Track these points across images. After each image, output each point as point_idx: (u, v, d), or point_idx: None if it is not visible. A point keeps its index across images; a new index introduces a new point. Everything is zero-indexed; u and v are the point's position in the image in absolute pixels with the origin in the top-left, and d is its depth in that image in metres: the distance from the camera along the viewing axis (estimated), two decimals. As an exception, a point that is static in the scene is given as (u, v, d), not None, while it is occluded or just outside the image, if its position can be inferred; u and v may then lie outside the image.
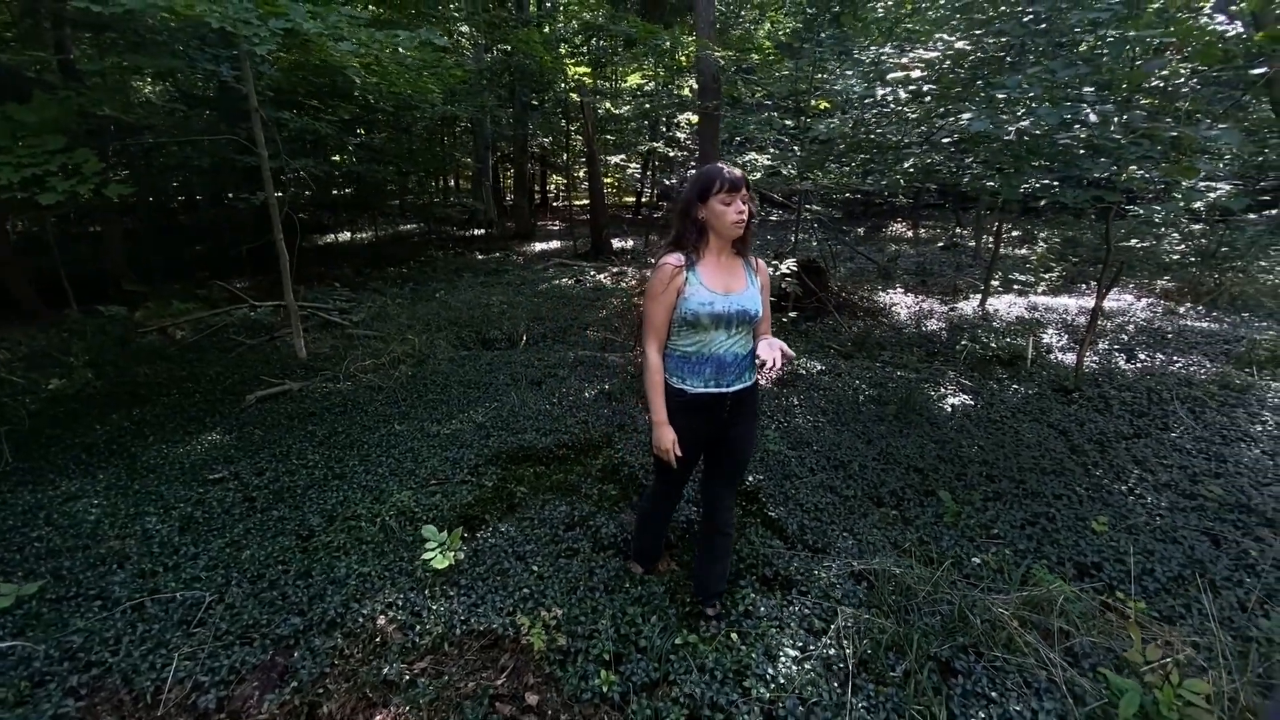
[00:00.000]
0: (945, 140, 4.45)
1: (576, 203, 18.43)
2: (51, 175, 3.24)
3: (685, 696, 1.82)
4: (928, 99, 4.19)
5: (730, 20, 11.84)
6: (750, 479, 3.12)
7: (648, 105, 11.84)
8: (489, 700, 1.86)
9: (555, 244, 12.96)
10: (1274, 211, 8.06)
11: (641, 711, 1.79)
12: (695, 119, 8.26)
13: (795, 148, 6.26)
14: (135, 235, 10.53)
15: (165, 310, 6.94)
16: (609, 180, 15.47)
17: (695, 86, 8.01)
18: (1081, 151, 3.29)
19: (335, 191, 12.87)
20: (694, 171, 1.93)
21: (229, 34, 4.16)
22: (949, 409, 4.14)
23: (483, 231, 14.61)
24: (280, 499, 3.03)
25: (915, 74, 3.90)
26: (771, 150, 6.68)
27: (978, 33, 3.87)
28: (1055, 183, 4.06)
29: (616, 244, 11.99)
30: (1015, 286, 7.85)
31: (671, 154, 10.65)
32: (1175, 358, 5.01)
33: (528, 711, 1.85)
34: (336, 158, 10.64)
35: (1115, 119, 2.89)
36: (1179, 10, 3.93)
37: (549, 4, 15.53)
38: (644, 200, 17.11)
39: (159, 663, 1.97)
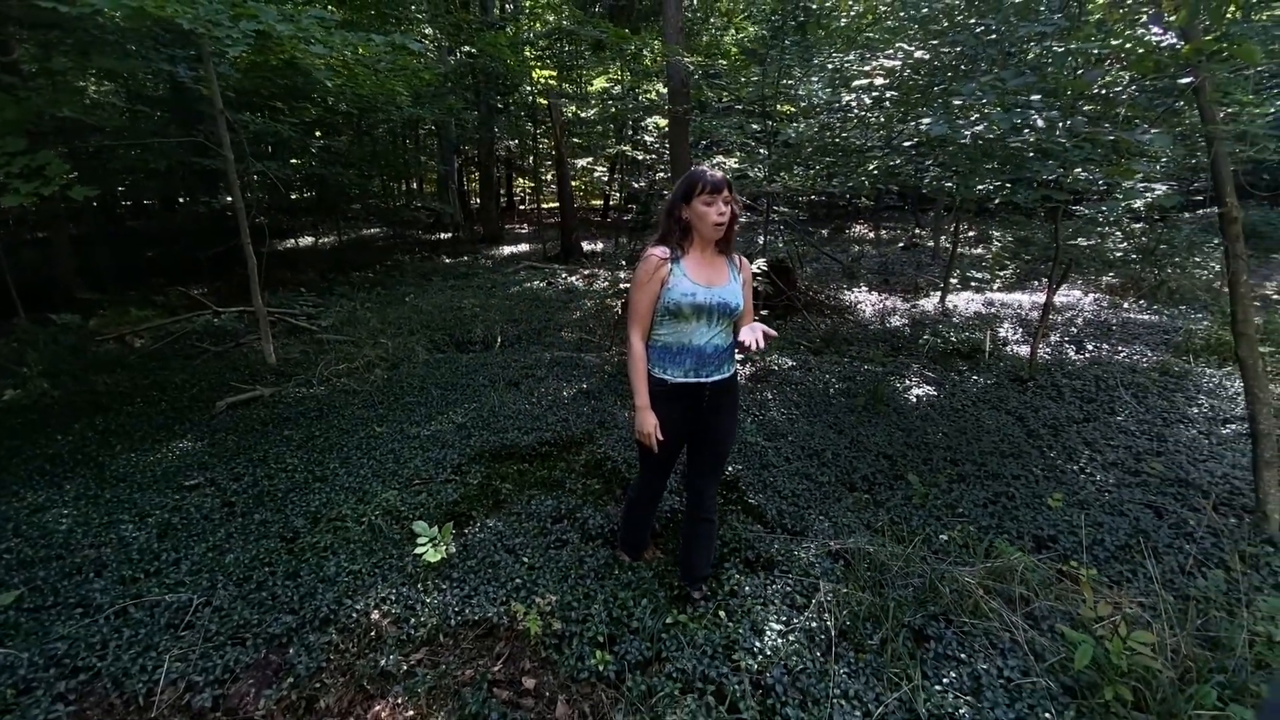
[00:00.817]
0: (906, 144, 4.66)
1: (545, 206, 18.40)
2: (13, 178, 3.15)
3: (678, 671, 1.90)
4: (889, 104, 4.38)
5: (698, 26, 12.04)
6: (730, 469, 3.22)
7: (615, 109, 11.94)
8: (487, 686, 1.91)
9: (524, 247, 12.94)
10: (1206, 211, 8.61)
11: (637, 687, 1.86)
12: (664, 122, 8.39)
13: (763, 151, 6.43)
14: (83, 241, 10.11)
15: (123, 318, 6.73)
16: (577, 183, 15.50)
17: (663, 90, 8.14)
18: (1030, 154, 3.51)
19: (296, 195, 12.60)
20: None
21: (192, 34, 4.10)
22: (914, 399, 4.33)
23: (450, 235, 14.48)
24: (261, 503, 3.00)
25: (878, 81, 4.09)
26: (739, 153, 6.85)
27: (934, 43, 4.07)
28: (1007, 184, 4.29)
29: (586, 246, 12.05)
30: (973, 284, 8.21)
31: (640, 157, 10.76)
32: (1120, 348, 5.33)
33: (525, 695, 1.91)
34: (296, 160, 10.41)
35: (1060, 124, 3.10)
36: (1117, 23, 4.21)
37: (513, 6, 15.52)
38: (612, 203, 17.20)
39: (149, 665, 1.95)
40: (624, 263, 9.68)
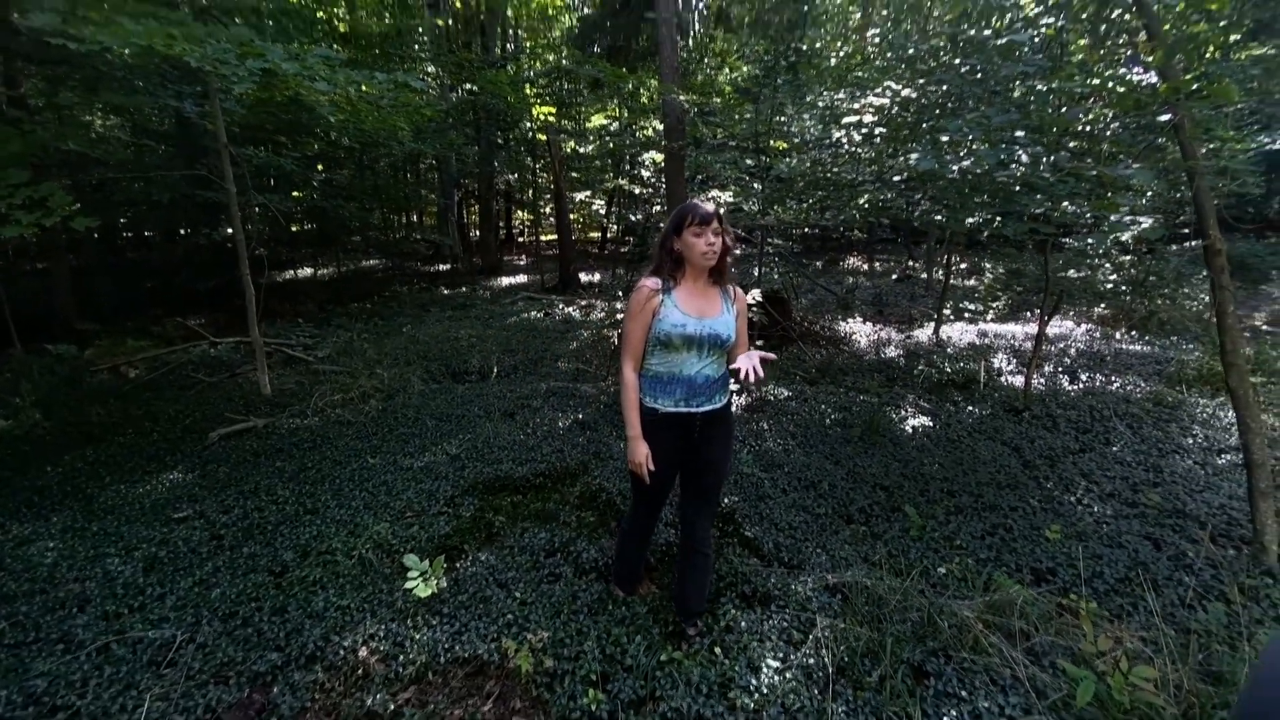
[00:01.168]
0: (895, 178, 4.76)
1: (543, 238, 18.63)
2: (16, 209, 3.19)
3: (672, 711, 1.85)
4: (878, 140, 4.50)
5: (693, 66, 12.39)
6: (726, 500, 3.20)
7: (612, 144, 12.20)
8: (477, 726, 1.85)
9: (522, 278, 13.05)
10: (1192, 244, 8.75)
11: (630, 728, 1.81)
12: (660, 157, 8.57)
13: (756, 185, 6.56)
14: (83, 272, 10.18)
15: (118, 348, 6.72)
16: (575, 216, 15.74)
17: (660, 127, 8.34)
18: (1017, 189, 3.58)
19: (297, 228, 12.75)
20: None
21: (199, 71, 4.20)
22: (910, 430, 4.32)
23: (448, 266, 14.61)
24: (250, 536, 2.96)
25: (867, 118, 4.20)
26: (734, 187, 6.98)
27: (921, 81, 4.20)
28: (997, 217, 4.37)
29: (584, 278, 12.16)
30: (966, 315, 8.28)
31: (637, 191, 10.97)
32: (1113, 378, 5.36)
33: (516, 735, 1.86)
34: (298, 193, 10.57)
35: (1045, 159, 3.18)
36: (1097, 64, 4.36)
37: (514, 46, 15.99)
38: (609, 235, 17.43)
39: (130, 704, 1.90)
40: (621, 293, 9.77)
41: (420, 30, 11.39)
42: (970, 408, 4.74)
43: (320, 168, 11.37)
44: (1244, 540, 2.76)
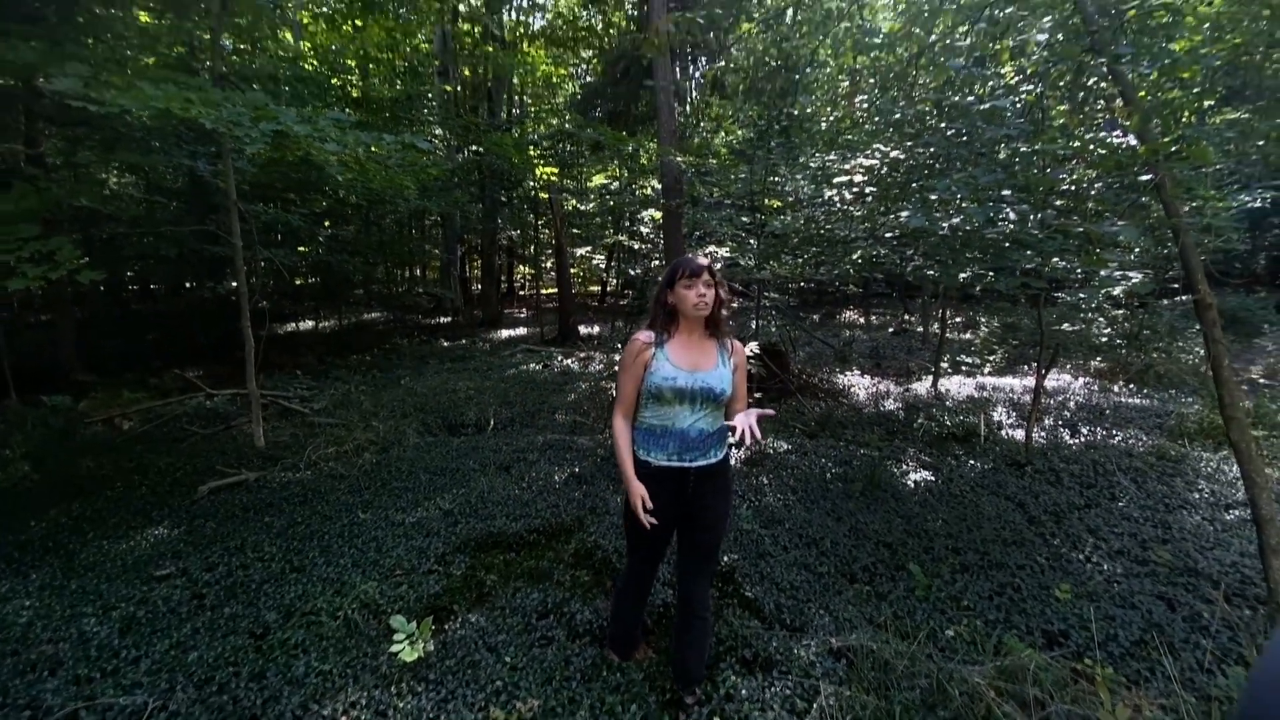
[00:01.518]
0: (888, 235, 4.88)
1: (544, 291, 18.91)
2: (23, 262, 3.25)
3: (669, 788, 1.74)
4: (869, 199, 4.63)
5: (690, 130, 12.91)
6: (726, 558, 3.11)
7: (612, 203, 12.56)
8: (460, 805, 1.74)
9: (522, 330, 13.15)
10: (1183, 298, 8.88)
11: (624, 807, 1.70)
12: (659, 215, 8.81)
13: (752, 241, 6.71)
14: (88, 324, 10.27)
15: (114, 400, 6.70)
16: (576, 270, 16.03)
17: (658, 186, 8.61)
18: (1007, 245, 3.67)
19: (301, 281, 12.96)
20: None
21: (214, 133, 4.37)
22: (912, 484, 4.26)
23: (449, 319, 14.76)
24: (233, 595, 2.86)
25: (857, 178, 4.34)
26: (730, 243, 7.14)
27: (909, 144, 4.36)
28: (989, 272, 4.45)
29: (583, 330, 12.26)
30: (963, 368, 8.31)
31: (636, 246, 11.23)
32: (1114, 431, 5.32)
33: (502, 816, 1.74)
34: (304, 248, 10.79)
35: (1031, 217, 3.27)
36: (1078, 127, 4.54)
37: (519, 111, 16.70)
38: (609, 289, 17.70)
39: (91, 780, 1.79)
40: (619, 345, 9.82)
41: (430, 95, 11.93)
42: (972, 461, 4.69)
43: (327, 224, 11.67)
44: (1259, 600, 2.67)
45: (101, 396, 6.94)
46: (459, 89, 14.64)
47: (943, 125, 4.23)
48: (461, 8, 13.04)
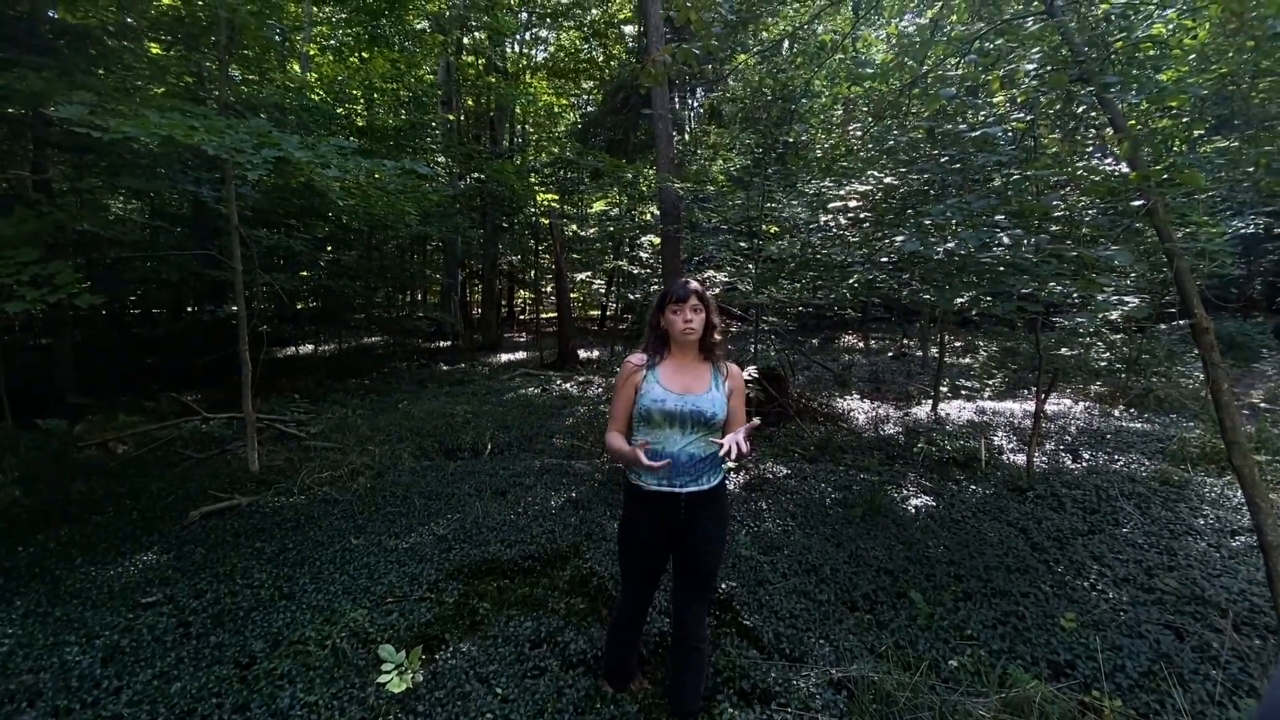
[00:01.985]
0: (884, 259, 4.91)
1: (544, 315, 18.98)
2: (23, 285, 3.26)
3: (663, 828, 1.68)
4: (865, 224, 4.67)
5: (688, 157, 13.11)
6: (723, 586, 3.05)
7: (612, 228, 12.68)
8: (446, 845, 1.67)
9: (521, 354, 13.15)
10: (1182, 322, 8.90)
11: None
12: (657, 240, 8.88)
13: (750, 266, 6.75)
14: (87, 347, 10.27)
15: (109, 423, 6.66)
16: (575, 295, 16.11)
17: (657, 212, 8.70)
18: (1002, 269, 3.68)
19: (302, 305, 13.01)
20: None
21: (217, 159, 4.42)
22: (912, 510, 4.21)
23: (449, 343, 14.77)
24: (219, 623, 2.80)
25: (853, 203, 4.38)
26: (728, 268, 7.18)
27: (903, 170, 4.42)
28: (986, 296, 4.47)
29: (583, 354, 12.26)
30: (963, 392, 8.28)
31: (635, 271, 11.30)
32: (1116, 456, 5.28)
33: None
34: (305, 273, 10.86)
35: (1025, 242, 3.29)
36: (1069, 155, 4.61)
37: (520, 140, 16.98)
38: (608, 313, 17.76)
39: (63, 819, 1.72)
40: (618, 369, 9.80)
41: (434, 124, 12.13)
42: (973, 487, 4.64)
43: (329, 249, 11.77)
44: (1269, 629, 2.61)
45: (97, 420, 6.90)
46: (462, 118, 14.91)
47: (936, 152, 4.29)
48: (466, 41, 13.34)
